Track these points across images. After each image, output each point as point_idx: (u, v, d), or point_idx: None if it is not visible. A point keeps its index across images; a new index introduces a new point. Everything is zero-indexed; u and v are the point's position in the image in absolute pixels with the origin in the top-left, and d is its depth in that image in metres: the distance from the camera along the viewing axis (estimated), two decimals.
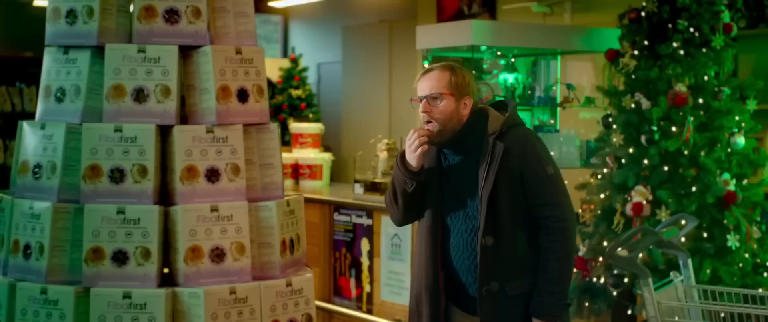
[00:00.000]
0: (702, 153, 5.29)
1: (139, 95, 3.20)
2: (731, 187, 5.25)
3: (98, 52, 3.27)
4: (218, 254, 3.17)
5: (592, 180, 5.79)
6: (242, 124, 3.26)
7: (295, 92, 10.60)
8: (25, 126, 3.35)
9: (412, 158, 3.37)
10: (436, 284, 3.44)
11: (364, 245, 6.32)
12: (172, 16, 3.24)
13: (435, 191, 3.45)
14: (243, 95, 3.27)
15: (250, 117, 3.29)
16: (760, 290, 4.66)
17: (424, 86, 3.40)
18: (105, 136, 3.19)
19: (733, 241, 5.17)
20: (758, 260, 5.30)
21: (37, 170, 3.26)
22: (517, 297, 3.36)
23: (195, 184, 3.20)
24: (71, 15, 3.27)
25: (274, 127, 3.35)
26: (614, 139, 5.52)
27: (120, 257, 3.14)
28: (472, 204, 3.38)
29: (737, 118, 5.35)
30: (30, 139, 3.31)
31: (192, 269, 3.15)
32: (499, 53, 6.40)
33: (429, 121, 3.37)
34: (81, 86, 3.25)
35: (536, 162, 3.35)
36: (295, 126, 8.00)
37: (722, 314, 4.34)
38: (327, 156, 7.77)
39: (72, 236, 3.22)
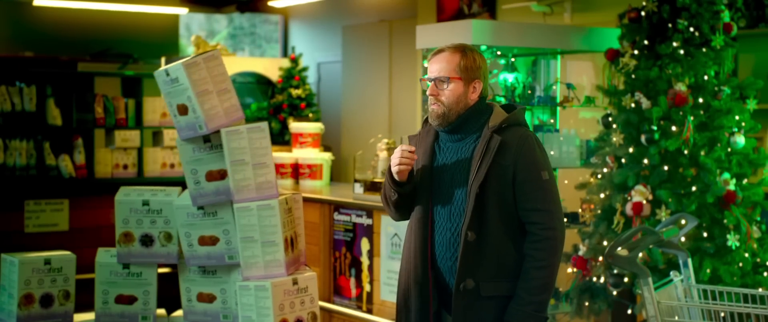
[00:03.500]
0: (702, 153, 5.29)
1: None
2: (731, 186, 5.25)
3: None
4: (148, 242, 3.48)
5: (592, 180, 5.79)
6: (224, 130, 3.33)
7: (295, 92, 10.58)
8: None
9: (396, 173, 3.37)
10: (425, 277, 3.35)
11: (364, 244, 6.32)
12: None
13: (426, 185, 3.40)
14: None
15: None
16: (760, 290, 4.67)
17: (434, 68, 3.36)
18: None
19: (733, 240, 5.17)
20: (758, 260, 5.30)
21: None
22: (490, 299, 3.26)
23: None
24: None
25: (264, 126, 3.33)
26: (614, 139, 5.52)
27: None
28: (459, 201, 3.31)
29: (737, 117, 5.35)
30: None
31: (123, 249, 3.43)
32: (499, 53, 6.39)
33: (435, 104, 3.34)
34: None
35: (532, 164, 3.26)
36: (295, 126, 7.98)
37: (722, 314, 4.34)
38: (327, 156, 7.76)
39: None
